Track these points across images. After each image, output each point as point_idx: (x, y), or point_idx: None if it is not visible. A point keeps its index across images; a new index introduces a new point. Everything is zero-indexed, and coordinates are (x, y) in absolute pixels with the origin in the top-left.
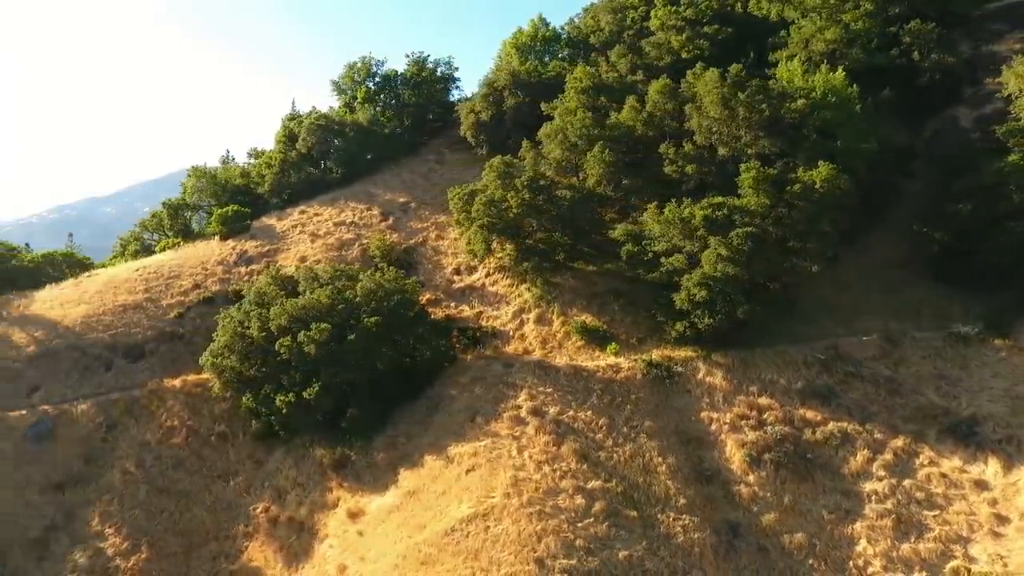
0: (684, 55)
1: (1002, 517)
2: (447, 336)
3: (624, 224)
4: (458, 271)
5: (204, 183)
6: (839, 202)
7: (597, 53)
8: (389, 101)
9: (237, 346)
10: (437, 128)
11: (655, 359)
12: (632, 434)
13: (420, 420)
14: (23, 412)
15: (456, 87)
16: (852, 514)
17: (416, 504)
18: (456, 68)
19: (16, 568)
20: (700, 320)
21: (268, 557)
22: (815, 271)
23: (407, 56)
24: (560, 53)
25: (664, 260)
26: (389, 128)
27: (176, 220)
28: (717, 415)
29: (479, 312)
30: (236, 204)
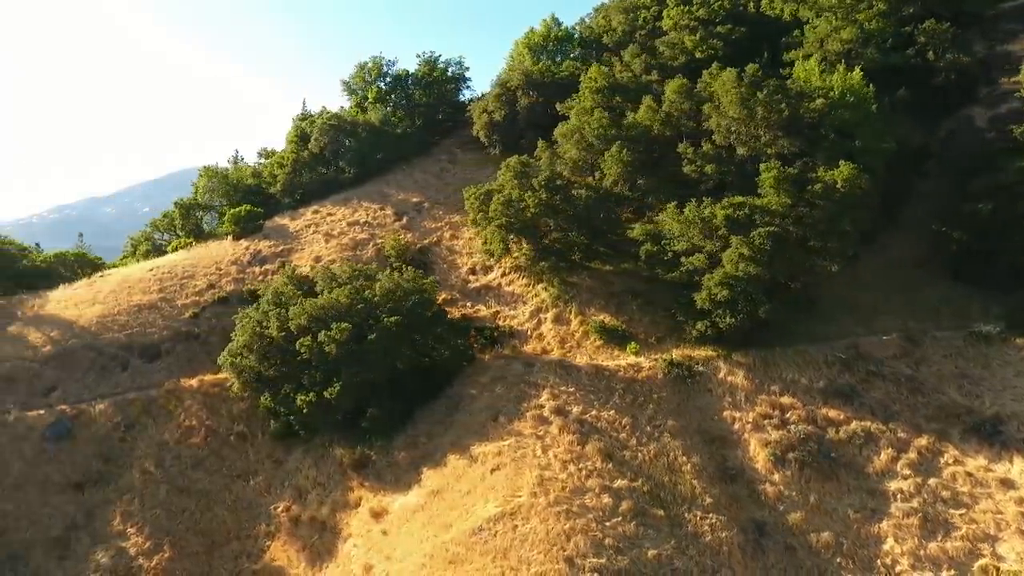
0: (698, 55)
1: None
2: (465, 336)
3: (641, 224)
4: (473, 271)
5: (216, 183)
6: (860, 202)
7: (610, 53)
8: (400, 101)
9: (256, 346)
10: (448, 128)
11: (676, 358)
12: (656, 433)
13: (440, 420)
14: (41, 412)
15: (467, 87)
16: (878, 513)
17: (441, 503)
18: (467, 68)
19: (38, 567)
20: (722, 319)
21: (291, 556)
22: (834, 271)
23: (418, 56)
24: (572, 53)
25: (684, 260)
26: (401, 128)
27: (188, 220)
28: (739, 414)
29: (496, 312)
30: (248, 204)
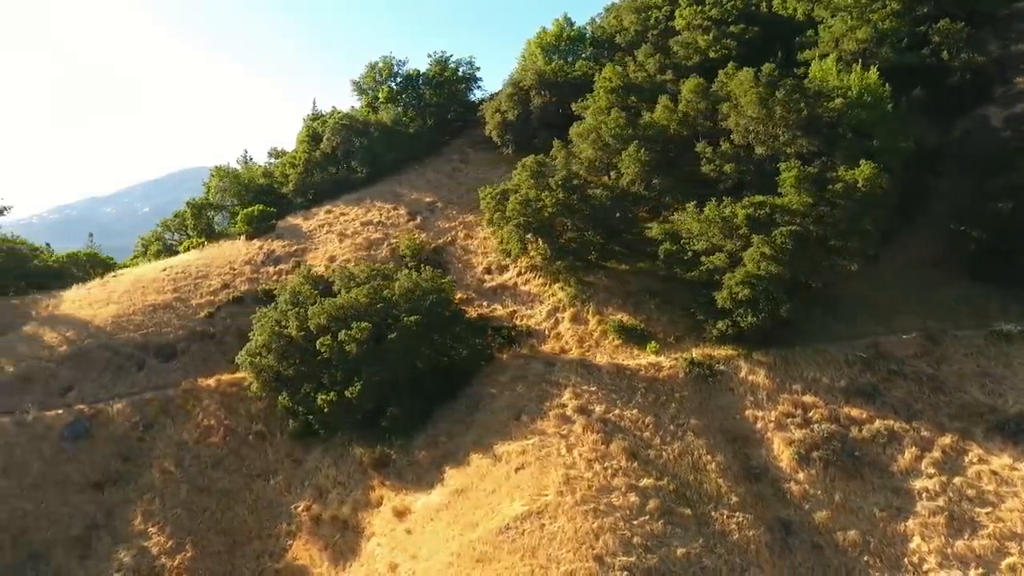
0: (712, 55)
1: None
2: (483, 335)
3: (658, 223)
4: (489, 270)
5: (227, 183)
6: (880, 201)
7: (622, 53)
8: (411, 101)
9: (275, 345)
10: (458, 128)
11: (696, 358)
12: (679, 432)
13: (460, 419)
14: (59, 412)
15: (478, 87)
16: (904, 511)
17: (465, 502)
18: (478, 68)
19: (59, 566)
20: (743, 319)
21: (313, 555)
22: (854, 270)
23: (429, 56)
24: (584, 53)
25: (704, 259)
26: (413, 128)
27: (200, 220)
28: (762, 413)
29: (512, 311)
30: (260, 204)
